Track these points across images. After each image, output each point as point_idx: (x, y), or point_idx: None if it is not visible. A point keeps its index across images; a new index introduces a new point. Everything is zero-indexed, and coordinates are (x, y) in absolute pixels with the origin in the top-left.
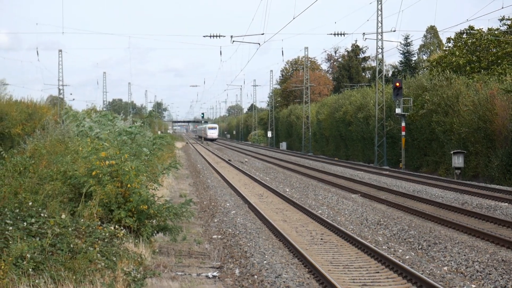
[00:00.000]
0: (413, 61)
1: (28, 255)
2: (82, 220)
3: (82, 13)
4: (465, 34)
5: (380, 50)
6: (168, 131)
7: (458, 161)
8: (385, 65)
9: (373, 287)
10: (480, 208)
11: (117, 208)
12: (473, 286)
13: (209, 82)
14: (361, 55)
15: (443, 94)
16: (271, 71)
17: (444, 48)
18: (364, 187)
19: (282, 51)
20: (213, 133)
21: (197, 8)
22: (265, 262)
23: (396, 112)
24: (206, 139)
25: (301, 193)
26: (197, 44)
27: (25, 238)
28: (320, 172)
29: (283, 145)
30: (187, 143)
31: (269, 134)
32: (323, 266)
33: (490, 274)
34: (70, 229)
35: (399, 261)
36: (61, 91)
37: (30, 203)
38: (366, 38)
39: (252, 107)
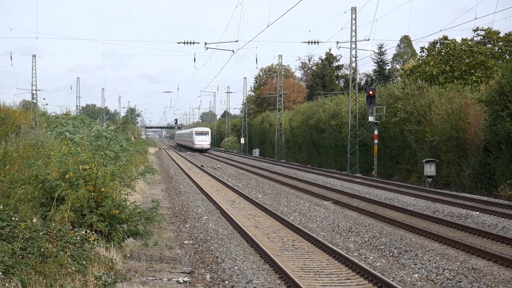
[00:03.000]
0: (387, 70)
1: None
2: (53, 224)
3: (57, 19)
4: (438, 43)
5: (353, 59)
6: (141, 136)
7: (430, 169)
8: (359, 73)
9: None
10: (451, 216)
11: (89, 213)
12: None
13: (183, 89)
14: (335, 64)
15: (415, 103)
16: (245, 78)
17: (418, 58)
18: (336, 194)
19: (256, 59)
20: (203, 141)
21: (171, 15)
22: (236, 267)
23: (369, 120)
24: (193, 150)
25: (273, 200)
26: (172, 50)
27: None
28: (292, 179)
29: (256, 152)
30: (160, 148)
31: (242, 140)
32: (294, 272)
33: (460, 282)
34: (41, 233)
35: (370, 268)
36: (35, 96)
37: (1, 207)
38: (340, 47)
39: (225, 114)
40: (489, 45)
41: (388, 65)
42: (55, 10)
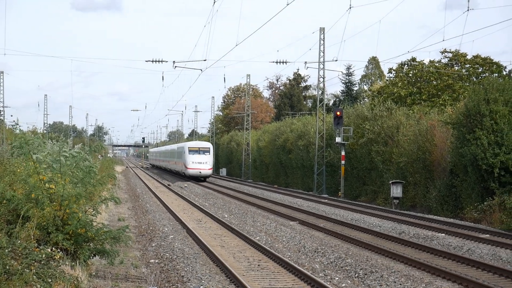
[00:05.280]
0: (355, 91)
1: None
2: (19, 241)
3: (25, 36)
4: (406, 65)
5: (321, 79)
6: (109, 155)
7: (396, 191)
8: (327, 94)
9: None
10: (417, 238)
11: (55, 231)
12: None
13: (151, 107)
14: (303, 84)
15: (383, 124)
16: (213, 97)
17: (386, 79)
18: (303, 215)
19: (224, 78)
20: (201, 163)
21: (140, 33)
22: (201, 287)
23: (336, 141)
24: (184, 176)
25: (240, 220)
26: (141, 68)
27: None
28: (259, 199)
29: (223, 171)
30: (127, 167)
31: None
32: None
33: None
34: (6, 251)
35: None
36: (2, 113)
37: None
38: (308, 67)
39: (193, 133)
40: (457, 67)
41: (356, 86)
42: (24, 27)
